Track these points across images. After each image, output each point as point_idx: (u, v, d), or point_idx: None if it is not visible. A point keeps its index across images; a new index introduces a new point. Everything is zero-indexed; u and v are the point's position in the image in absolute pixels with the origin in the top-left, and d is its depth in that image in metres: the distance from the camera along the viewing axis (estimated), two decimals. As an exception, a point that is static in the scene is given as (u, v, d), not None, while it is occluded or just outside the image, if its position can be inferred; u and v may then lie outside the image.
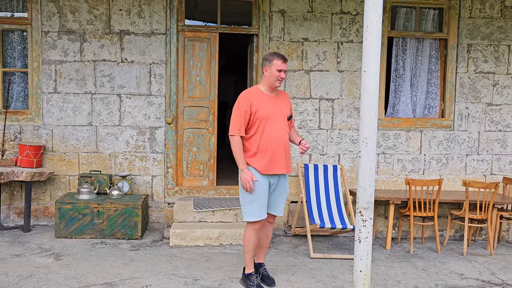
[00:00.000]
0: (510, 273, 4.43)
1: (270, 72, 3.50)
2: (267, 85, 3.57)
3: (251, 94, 3.51)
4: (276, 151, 3.51)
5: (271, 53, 3.59)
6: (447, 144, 5.60)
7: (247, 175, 3.46)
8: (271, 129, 3.48)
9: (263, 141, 3.48)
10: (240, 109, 3.44)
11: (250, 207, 3.52)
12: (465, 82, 5.56)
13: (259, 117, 3.45)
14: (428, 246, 5.28)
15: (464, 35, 5.52)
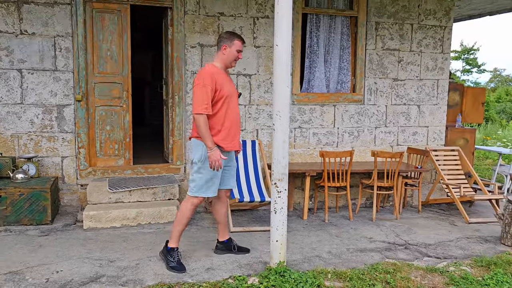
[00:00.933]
0: (413, 234, 4.84)
1: (229, 51, 3.55)
2: (224, 64, 3.61)
3: (214, 72, 3.48)
4: (235, 128, 3.64)
5: (231, 32, 3.65)
6: (358, 118, 5.91)
7: (217, 154, 3.43)
8: (230, 107, 3.57)
9: (226, 119, 3.54)
10: (205, 86, 3.39)
11: (208, 184, 3.55)
12: (374, 59, 5.87)
13: (223, 95, 3.49)
14: (342, 214, 5.58)
15: (372, 13, 5.78)
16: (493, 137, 14.90)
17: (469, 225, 5.26)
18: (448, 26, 6.07)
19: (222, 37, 3.59)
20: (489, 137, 14.50)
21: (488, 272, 3.80)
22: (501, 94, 28.63)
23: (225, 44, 3.55)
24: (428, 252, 4.31)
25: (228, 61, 3.59)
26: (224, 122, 3.54)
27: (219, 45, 3.60)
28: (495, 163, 7.78)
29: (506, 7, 7.55)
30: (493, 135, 15.28)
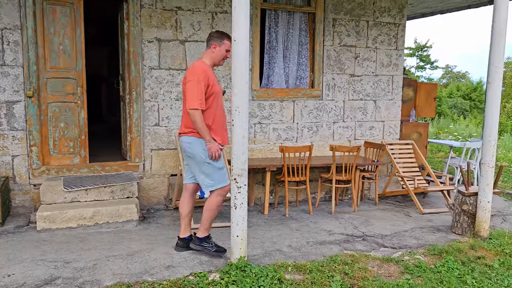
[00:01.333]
0: (370, 226, 4.98)
1: (219, 50, 3.67)
2: (212, 62, 3.72)
3: (206, 68, 3.61)
4: (224, 123, 3.79)
5: (222, 32, 3.72)
6: (317, 113, 6.00)
7: (215, 145, 3.61)
8: (219, 103, 3.71)
9: (216, 114, 3.67)
10: (199, 82, 3.50)
11: (221, 174, 3.71)
12: (331, 55, 5.97)
13: (214, 92, 3.62)
14: (302, 208, 5.66)
15: (329, 10, 5.87)
16: (445, 131, 15.55)
17: (423, 215, 5.47)
18: (402, 24, 6.26)
19: (212, 36, 3.70)
20: (441, 131, 15.12)
21: (440, 260, 3.97)
22: (453, 90, 29.93)
23: (215, 42, 3.67)
24: (385, 243, 4.45)
25: (217, 60, 3.71)
26: (214, 117, 3.66)
27: (209, 43, 3.70)
28: (447, 156, 8.13)
29: (456, 6, 7.89)
30: (445, 129, 15.95)
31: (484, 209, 4.48)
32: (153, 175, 5.33)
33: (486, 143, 4.42)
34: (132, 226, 4.63)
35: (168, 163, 5.36)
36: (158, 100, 5.23)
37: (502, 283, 3.57)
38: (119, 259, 3.71)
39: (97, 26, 9.14)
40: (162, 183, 5.38)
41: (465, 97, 27.26)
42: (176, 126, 5.30)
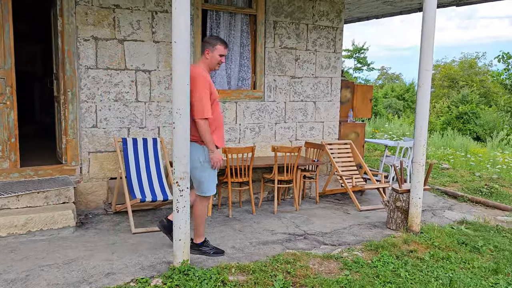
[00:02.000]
0: (311, 224, 5.12)
1: (212, 56, 3.72)
2: (207, 67, 3.78)
3: (207, 76, 3.67)
4: (223, 127, 3.86)
5: (214, 37, 3.81)
6: (259, 114, 6.06)
7: (219, 155, 3.71)
8: (218, 108, 3.78)
9: (217, 119, 3.74)
10: (206, 91, 3.58)
11: (213, 183, 3.83)
12: (273, 56, 6.06)
13: (215, 98, 3.71)
14: (246, 208, 5.70)
15: (270, 12, 5.96)
16: (381, 130, 16.31)
17: (361, 212, 5.71)
18: (340, 27, 6.49)
19: (205, 42, 3.77)
20: (377, 130, 15.84)
21: (376, 255, 4.16)
22: (388, 91, 31.45)
23: (207, 48, 3.73)
24: (325, 240, 4.59)
25: (212, 65, 3.78)
26: (215, 122, 3.73)
27: (202, 49, 3.77)
28: (383, 155, 8.53)
29: (389, 12, 8.30)
30: (381, 128, 16.73)
31: (415, 205, 4.75)
32: (91, 179, 5.13)
33: (417, 143, 4.70)
34: (69, 233, 4.43)
35: (107, 166, 5.18)
36: (96, 101, 5.04)
37: (432, 274, 3.80)
38: (54, 268, 3.53)
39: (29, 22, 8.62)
40: (101, 187, 5.19)
41: (399, 97, 28.73)
42: (115, 128, 5.14)
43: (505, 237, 4.89)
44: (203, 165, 3.74)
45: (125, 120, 5.21)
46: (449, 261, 4.11)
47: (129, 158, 4.96)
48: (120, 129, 5.18)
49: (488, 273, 3.89)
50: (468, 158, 11.93)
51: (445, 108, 23.45)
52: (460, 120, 21.06)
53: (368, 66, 26.44)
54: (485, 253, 4.34)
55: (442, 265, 4.00)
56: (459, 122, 20.98)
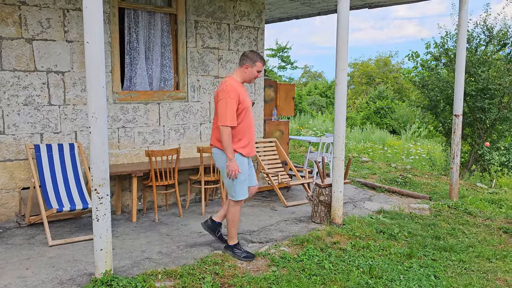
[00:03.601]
0: (239, 224, 5.13)
1: (251, 71, 3.89)
2: (243, 79, 3.93)
3: (236, 85, 3.80)
4: (253, 136, 3.96)
5: (255, 53, 3.90)
6: (183, 115, 5.97)
7: (235, 164, 3.78)
8: (249, 117, 3.88)
9: (246, 129, 3.85)
10: (231, 100, 3.68)
11: (243, 187, 3.93)
12: (195, 56, 5.99)
13: (245, 107, 3.80)
14: (173, 212, 5.59)
15: (191, 11, 5.88)
16: (306, 126, 16.86)
17: (287, 208, 5.84)
18: (261, 27, 6.58)
19: (246, 56, 3.89)
20: (302, 127, 16.34)
21: (302, 249, 4.28)
22: (311, 88, 32.57)
23: (247, 64, 3.87)
24: (253, 239, 4.64)
25: (248, 79, 3.94)
26: (245, 131, 3.84)
27: (242, 63, 3.90)
28: (307, 151, 8.81)
29: (308, 13, 8.57)
30: (306, 124, 17.29)
31: (337, 199, 4.96)
32: (1, 190, 4.73)
33: (336, 139, 4.90)
34: (-24, 251, 4.05)
35: (19, 175, 4.81)
36: (2, 105, 4.65)
37: (353, 263, 3.99)
38: None
39: None
40: (13, 198, 4.81)
41: (322, 94, 29.88)
42: (26, 134, 4.78)
43: (418, 223, 5.27)
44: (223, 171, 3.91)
45: (37, 125, 4.86)
46: (369, 249, 4.34)
47: (43, 165, 4.65)
48: (32, 135, 4.83)
49: (403, 258, 4.16)
50: (385, 150, 12.73)
51: (364, 104, 24.79)
52: (377, 115, 22.40)
53: (291, 65, 27.18)
54: (400, 240, 4.64)
55: (363, 254, 4.22)
56: (377, 116, 22.31)
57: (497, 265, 4.04)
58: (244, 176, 3.94)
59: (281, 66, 26.79)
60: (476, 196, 6.86)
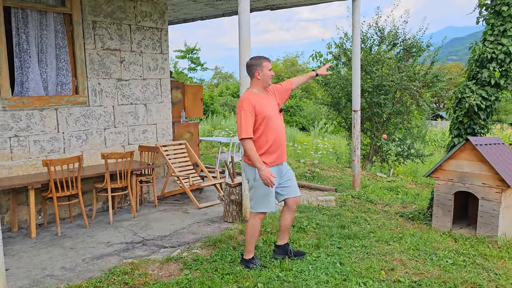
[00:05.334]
0: (150, 230, 5.00)
1: (263, 74, 3.78)
2: (261, 86, 3.83)
3: (251, 97, 3.70)
4: (280, 144, 3.81)
5: (256, 57, 3.83)
6: (85, 120, 5.65)
7: (267, 172, 3.61)
8: (273, 126, 3.74)
9: (270, 138, 3.72)
10: (246, 113, 3.62)
11: (266, 200, 3.78)
12: (95, 59, 5.70)
13: (264, 117, 3.68)
14: (78, 223, 5.27)
15: (88, 11, 5.59)
16: (218, 127, 16.91)
17: (200, 210, 5.81)
18: (164, 28, 6.45)
19: (252, 65, 3.80)
20: (213, 128, 16.35)
21: (215, 249, 4.29)
22: (223, 89, 32.73)
23: (257, 70, 3.78)
24: (164, 244, 4.54)
25: (265, 83, 3.83)
26: (268, 140, 3.72)
27: (252, 73, 3.81)
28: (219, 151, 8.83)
29: (213, 14, 8.59)
30: (218, 125, 17.34)
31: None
32: None
33: (244, 138, 4.96)
34: None
35: None
36: None
37: (265, 259, 4.08)
38: None
39: None
40: None
41: (234, 95, 30.15)
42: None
43: (325, 214, 5.54)
44: (253, 182, 3.79)
45: None
46: (280, 243, 4.46)
47: None
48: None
49: (312, 248, 4.35)
50: (296, 147, 13.21)
51: (275, 103, 25.47)
52: (288, 113, 23.18)
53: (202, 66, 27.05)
54: (309, 231, 4.85)
55: (274, 248, 4.32)
56: (287, 114, 23.08)
57: (394, 247, 4.39)
58: (267, 190, 3.76)
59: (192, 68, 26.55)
60: (377, 185, 7.40)
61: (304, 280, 3.60)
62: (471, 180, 4.65)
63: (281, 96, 4.05)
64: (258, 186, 3.76)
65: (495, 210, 4.49)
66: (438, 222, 4.96)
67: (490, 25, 4.90)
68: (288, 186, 3.96)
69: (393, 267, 3.89)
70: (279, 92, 4.03)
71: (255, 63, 3.80)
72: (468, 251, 4.24)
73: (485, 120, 5.06)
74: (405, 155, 9.58)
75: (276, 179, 3.81)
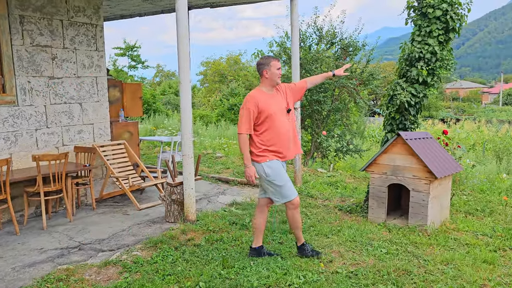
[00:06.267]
0: (87, 233, 4.81)
1: (271, 73, 3.87)
2: (269, 85, 3.93)
3: (256, 95, 3.83)
4: (284, 142, 3.87)
5: (266, 56, 3.92)
6: (14, 121, 5.33)
7: (251, 171, 3.81)
8: (277, 124, 3.83)
9: (274, 136, 3.82)
10: (248, 109, 3.77)
11: (287, 188, 3.87)
12: (23, 55, 5.38)
13: (267, 115, 3.79)
14: (8, 230, 4.97)
15: (14, 5, 5.25)
16: (161, 126, 16.58)
17: (141, 211, 5.67)
18: (99, 24, 6.21)
19: (261, 64, 3.90)
20: (155, 127, 16.02)
21: (156, 251, 4.21)
22: (165, 88, 32.16)
23: (265, 69, 3.87)
24: (103, 247, 4.39)
25: (273, 81, 3.91)
26: (272, 137, 3.82)
27: (260, 72, 3.91)
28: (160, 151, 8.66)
29: (151, 11, 8.40)
30: (161, 125, 17.00)
31: (189, 196, 4.99)
32: None
33: (184, 137, 4.92)
34: None
35: None
36: None
37: (207, 257, 4.07)
38: None
39: None
40: None
41: (177, 93, 29.71)
42: None
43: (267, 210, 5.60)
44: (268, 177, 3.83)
45: None
46: (222, 241, 4.47)
47: None
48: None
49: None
50: (239, 145, 13.24)
51: (218, 101, 25.42)
52: (231, 111, 23.18)
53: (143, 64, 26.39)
54: (251, 228, 4.89)
55: (217, 246, 4.33)
56: (231, 113, 23.08)
57: (332, 239, 4.54)
58: (283, 178, 3.87)
59: (132, 66, 25.83)
60: (317, 180, 7.61)
61: (245, 277, 3.63)
62: (402, 173, 4.91)
63: (294, 95, 4.13)
64: (273, 180, 3.85)
65: (425, 201, 4.77)
66: (374, 214, 5.19)
67: (417, 26, 5.19)
68: None
69: (331, 259, 4.02)
70: (292, 91, 4.11)
71: (264, 62, 3.91)
72: (400, 240, 4.48)
73: (415, 115, 5.36)
74: (344, 151, 9.92)
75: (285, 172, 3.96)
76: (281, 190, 3.87)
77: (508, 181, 8.01)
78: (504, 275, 3.74)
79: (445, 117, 33.56)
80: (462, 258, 4.01)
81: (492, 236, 4.72)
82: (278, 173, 3.84)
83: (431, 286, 3.48)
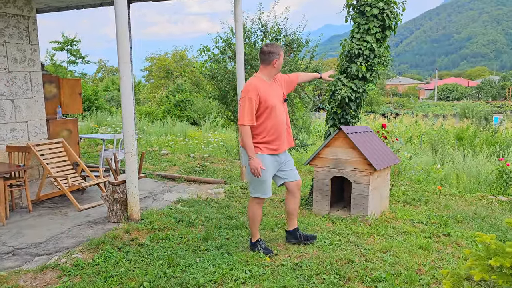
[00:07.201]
0: (22, 237, 4.55)
1: (279, 63, 3.78)
2: (272, 74, 3.83)
3: (257, 84, 3.69)
4: (281, 133, 3.82)
5: (275, 45, 3.76)
6: None
7: (256, 163, 3.69)
8: (276, 115, 3.74)
9: (271, 127, 3.74)
10: (250, 99, 3.63)
11: (262, 186, 3.84)
12: None
13: (268, 106, 3.69)
14: None
15: None
16: (104, 124, 16.00)
17: (82, 212, 5.44)
18: (32, 16, 5.88)
19: (271, 52, 3.74)
20: (97, 125, 15.45)
21: (98, 252, 4.06)
22: (109, 84, 31.05)
23: (276, 59, 3.76)
24: (39, 251, 4.17)
25: (277, 71, 3.85)
26: (270, 129, 3.74)
27: (269, 60, 3.76)
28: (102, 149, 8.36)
29: (90, 3, 8.06)
30: (104, 122, 16.41)
31: (133, 195, 4.86)
32: None
33: (126, 134, 4.77)
34: None
35: None
36: None
37: (152, 256, 3.98)
38: None
39: None
40: None
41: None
42: None
43: (214, 207, 5.59)
44: (247, 168, 3.79)
45: None
46: (168, 240, 4.40)
47: None
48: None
49: (200, 241, 4.36)
50: (187, 141, 13.08)
51: (164, 97, 24.94)
52: (178, 107, 22.84)
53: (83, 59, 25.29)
54: (198, 225, 4.85)
55: (162, 245, 4.24)
56: (177, 109, 22.73)
57: (278, 233, 4.60)
58: (265, 175, 3.81)
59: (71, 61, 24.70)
60: (264, 175, 7.66)
61: (191, 274, 3.59)
62: (344, 165, 5.07)
63: (288, 86, 4.10)
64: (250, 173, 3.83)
65: (365, 192, 4.95)
66: (318, 206, 5.32)
67: (356, 23, 5.36)
68: (289, 169, 4.04)
69: (277, 252, 4.08)
70: (286, 82, 4.08)
71: (274, 50, 3.76)
72: (343, 231, 4.62)
73: (355, 110, 5.54)
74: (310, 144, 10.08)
75: (274, 167, 3.91)
76: (259, 185, 3.89)
77: (442, 171, 8.49)
78: (438, 259, 3.96)
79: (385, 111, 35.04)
80: (400, 246, 4.21)
81: (427, 224, 4.98)
82: (263, 169, 3.80)
83: (371, 274, 3.62)
